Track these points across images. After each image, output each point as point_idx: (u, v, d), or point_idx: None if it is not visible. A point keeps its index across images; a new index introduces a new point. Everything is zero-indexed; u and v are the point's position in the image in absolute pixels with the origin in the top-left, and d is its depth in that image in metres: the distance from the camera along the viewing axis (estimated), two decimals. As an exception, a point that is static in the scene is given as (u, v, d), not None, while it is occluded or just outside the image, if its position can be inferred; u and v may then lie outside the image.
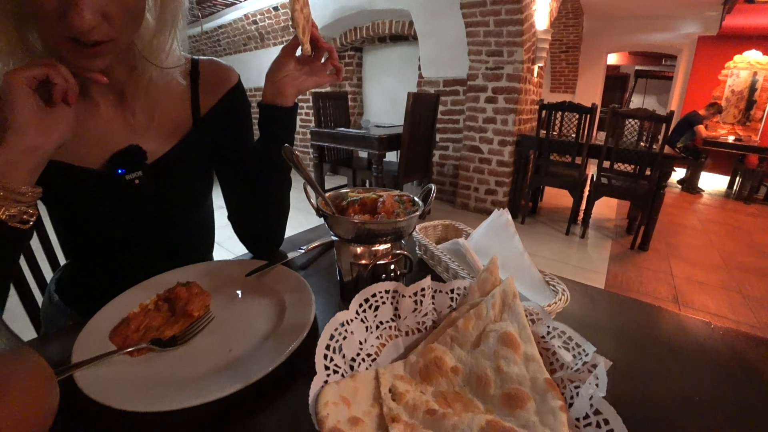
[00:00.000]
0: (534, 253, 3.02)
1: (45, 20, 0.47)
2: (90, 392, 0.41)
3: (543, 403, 0.34)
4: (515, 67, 3.42)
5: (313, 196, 0.57)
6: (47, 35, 0.51)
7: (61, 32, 0.48)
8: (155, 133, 0.69)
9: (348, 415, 0.32)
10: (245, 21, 5.44)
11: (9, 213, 0.48)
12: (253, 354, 0.48)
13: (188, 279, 0.60)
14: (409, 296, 0.47)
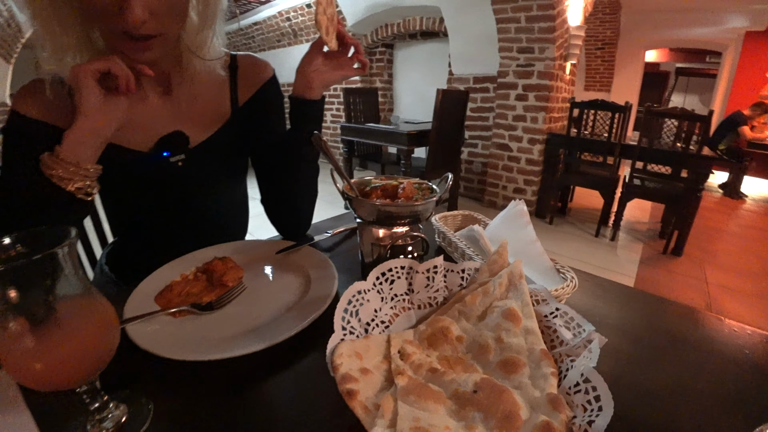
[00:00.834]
0: (560, 253, 2.98)
1: (104, 17, 0.54)
2: (139, 342, 0.48)
3: (536, 369, 0.37)
4: (546, 64, 3.37)
5: (339, 181, 0.62)
6: (106, 31, 0.58)
7: (117, 27, 0.55)
8: (197, 120, 0.76)
9: (359, 366, 0.37)
10: (279, 18, 5.57)
11: (76, 186, 0.56)
12: (278, 320, 0.54)
13: (224, 254, 0.67)
14: (422, 272, 0.51)
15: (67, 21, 0.57)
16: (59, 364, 0.34)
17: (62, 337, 0.34)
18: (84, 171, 0.56)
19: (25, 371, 0.33)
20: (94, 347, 0.36)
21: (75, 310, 0.35)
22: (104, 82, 0.57)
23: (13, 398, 0.44)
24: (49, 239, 0.34)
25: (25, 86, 0.65)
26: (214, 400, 0.43)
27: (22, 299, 0.32)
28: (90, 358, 0.36)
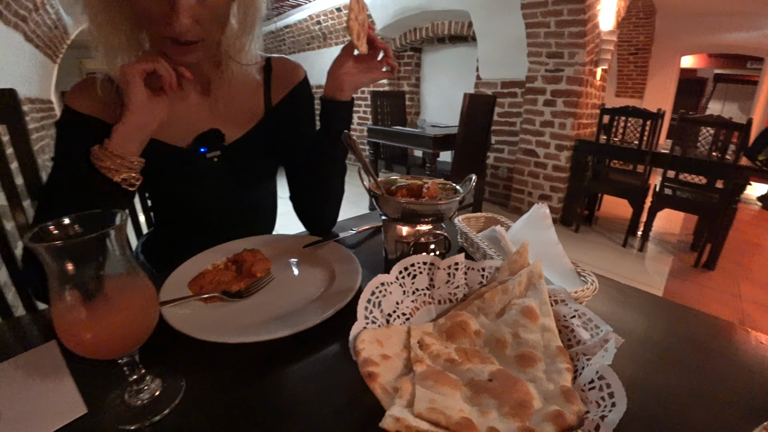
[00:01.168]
0: (586, 262, 2.92)
1: (154, 24, 0.59)
2: (173, 323, 0.51)
3: (552, 364, 0.38)
4: (576, 69, 3.32)
5: (366, 180, 0.64)
6: (153, 35, 0.63)
7: (164, 33, 0.60)
8: (233, 119, 0.80)
9: (380, 352, 0.39)
10: (309, 21, 5.67)
11: (122, 177, 0.60)
12: (303, 309, 0.56)
13: (253, 247, 0.70)
14: (443, 269, 0.53)
15: (120, 26, 0.62)
16: (106, 335, 0.38)
17: (109, 311, 0.37)
18: (129, 163, 0.61)
19: (76, 340, 0.37)
20: (137, 322, 0.40)
21: (121, 286, 0.38)
22: (149, 82, 0.61)
23: (59, 368, 0.49)
24: (101, 221, 0.38)
25: (77, 84, 0.70)
26: (241, 381, 0.46)
27: (77, 273, 0.36)
28: (132, 332, 0.39)
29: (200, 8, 0.59)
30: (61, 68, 5.48)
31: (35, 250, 0.33)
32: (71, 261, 0.35)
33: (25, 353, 0.52)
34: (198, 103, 0.78)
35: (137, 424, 0.40)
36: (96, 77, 0.68)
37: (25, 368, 0.49)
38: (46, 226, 0.37)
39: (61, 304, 0.36)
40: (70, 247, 0.34)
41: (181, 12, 0.56)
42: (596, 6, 3.21)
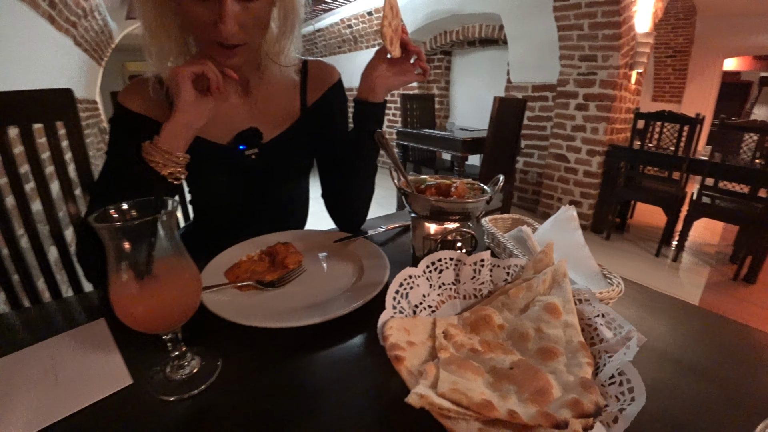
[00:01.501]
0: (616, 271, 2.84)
1: (201, 29, 0.64)
2: (211, 307, 0.55)
3: (573, 358, 0.39)
4: (610, 72, 3.24)
5: (397, 177, 0.66)
6: (201, 39, 0.68)
7: (210, 37, 0.64)
8: (271, 118, 0.84)
9: (406, 339, 0.41)
10: (341, 25, 5.77)
11: (168, 171, 0.65)
12: (332, 300, 0.59)
13: (286, 240, 0.74)
14: (469, 265, 0.54)
15: (171, 32, 0.68)
16: (154, 310, 0.42)
17: (158, 288, 0.41)
18: (175, 158, 0.65)
19: (129, 313, 0.41)
20: (181, 300, 0.43)
21: (169, 267, 0.42)
22: (197, 83, 0.66)
23: (108, 343, 0.53)
24: (154, 207, 0.42)
25: (130, 84, 0.76)
26: (273, 363, 0.49)
27: (132, 252, 0.40)
28: (177, 309, 0.43)
29: (244, 15, 0.63)
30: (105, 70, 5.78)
31: (99, 230, 0.37)
32: (128, 240, 0.39)
33: (76, 328, 0.57)
34: (238, 103, 0.83)
35: (176, 396, 0.44)
36: (147, 78, 0.74)
37: (78, 341, 0.54)
38: (107, 209, 0.41)
39: (116, 280, 0.40)
40: (128, 228, 0.39)
41: (227, 19, 0.60)
42: (632, 7, 3.13)
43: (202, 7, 0.61)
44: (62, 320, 0.61)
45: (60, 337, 0.55)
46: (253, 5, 0.63)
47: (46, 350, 0.53)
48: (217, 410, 0.43)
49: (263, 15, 0.67)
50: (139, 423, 0.41)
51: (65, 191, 0.91)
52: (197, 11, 0.61)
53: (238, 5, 0.61)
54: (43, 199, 0.89)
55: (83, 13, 3.56)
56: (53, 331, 0.56)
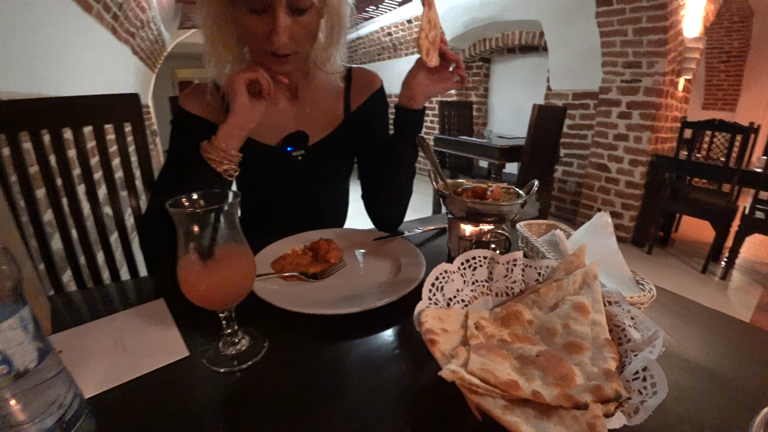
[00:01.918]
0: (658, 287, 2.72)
1: (255, 40, 0.70)
2: (260, 294, 0.61)
3: (598, 353, 0.41)
4: (655, 79, 3.13)
5: (436, 180, 0.70)
6: (255, 49, 0.74)
7: (264, 48, 0.71)
8: (316, 122, 0.90)
9: (440, 326, 0.44)
10: (380, 33, 5.87)
11: (223, 168, 0.71)
12: (371, 293, 0.64)
13: (328, 237, 0.79)
14: (502, 263, 0.57)
15: (228, 43, 0.74)
16: (214, 289, 0.47)
17: (219, 269, 0.47)
18: (230, 156, 0.72)
19: (193, 290, 0.47)
20: (238, 282, 0.49)
21: (230, 251, 0.48)
22: (250, 89, 0.72)
23: (167, 319, 0.60)
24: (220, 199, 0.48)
25: (189, 89, 0.84)
26: (314, 346, 0.54)
27: (199, 236, 0.45)
28: (234, 290, 0.49)
29: (295, 27, 0.69)
30: (157, 76, 6.16)
31: (173, 214, 0.44)
32: (196, 225, 0.45)
33: (139, 306, 0.64)
34: (287, 107, 0.89)
35: (226, 368, 0.49)
36: (205, 84, 0.81)
37: (141, 317, 0.61)
38: (179, 198, 0.47)
39: (184, 260, 0.46)
40: (196, 214, 0.45)
41: (280, 31, 0.66)
42: (680, 11, 3.01)
43: (258, 21, 0.67)
44: (126, 299, 0.69)
45: (126, 313, 0.63)
46: (303, 18, 0.69)
47: (115, 323, 0.60)
48: (261, 384, 0.48)
49: (312, 27, 0.73)
50: (193, 389, 0.48)
51: (128, 183, 1.01)
52: (253, 24, 0.68)
53: (289, 19, 0.67)
54: (109, 188, 0.99)
55: (141, 25, 3.82)
56: (119, 307, 0.64)
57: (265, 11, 0.66)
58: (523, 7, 3.91)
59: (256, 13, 0.67)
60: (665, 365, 0.45)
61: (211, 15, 0.71)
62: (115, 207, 1.01)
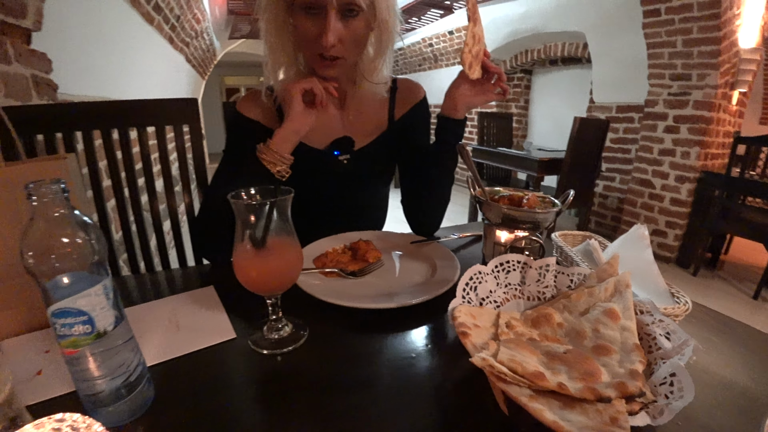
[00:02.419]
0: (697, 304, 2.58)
1: (308, 42, 0.76)
2: (302, 287, 0.66)
3: (626, 356, 0.42)
4: (706, 92, 3.00)
5: (474, 187, 0.73)
6: (307, 52, 0.80)
7: (315, 50, 0.76)
8: (362, 129, 0.95)
9: (473, 322, 0.46)
10: (422, 44, 5.93)
11: (277, 169, 0.77)
12: (406, 291, 0.67)
13: (367, 238, 0.83)
14: (535, 268, 0.58)
15: (285, 48, 0.81)
16: (264, 276, 0.53)
17: (269, 258, 0.52)
18: (284, 159, 0.78)
19: (246, 275, 0.53)
20: (286, 271, 0.54)
21: (281, 243, 0.53)
22: (304, 97, 0.78)
23: (216, 304, 0.67)
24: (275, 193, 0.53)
25: (246, 95, 0.91)
26: (350, 337, 0.58)
27: (255, 226, 0.51)
28: (282, 278, 0.54)
29: (344, 31, 0.74)
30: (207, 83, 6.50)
31: (234, 204, 0.49)
32: (253, 215, 0.50)
33: (191, 291, 0.71)
34: (335, 114, 0.95)
35: (269, 351, 0.54)
36: (260, 91, 0.89)
37: (193, 300, 0.68)
38: (239, 191, 0.52)
39: (242, 247, 0.51)
40: (252, 206, 0.50)
41: (330, 31, 0.72)
42: (734, 21, 2.88)
43: (311, 22, 0.74)
44: (178, 284, 0.77)
45: (179, 296, 0.70)
46: (352, 23, 0.75)
47: (169, 304, 0.67)
48: (299, 368, 0.52)
49: (360, 34, 0.78)
50: (238, 367, 0.53)
51: (183, 179, 1.10)
52: (307, 25, 0.74)
53: (339, 22, 0.73)
54: (166, 183, 1.08)
55: (195, 35, 4.06)
56: (172, 291, 0.71)
57: (319, 12, 0.72)
58: (566, 19, 3.87)
59: (311, 13, 0.73)
60: (697, 379, 0.45)
61: (272, 21, 0.78)
62: (170, 200, 1.10)
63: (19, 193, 0.58)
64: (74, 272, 0.39)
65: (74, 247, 0.38)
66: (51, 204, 0.38)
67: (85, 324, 0.40)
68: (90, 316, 0.40)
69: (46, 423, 0.28)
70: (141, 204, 1.09)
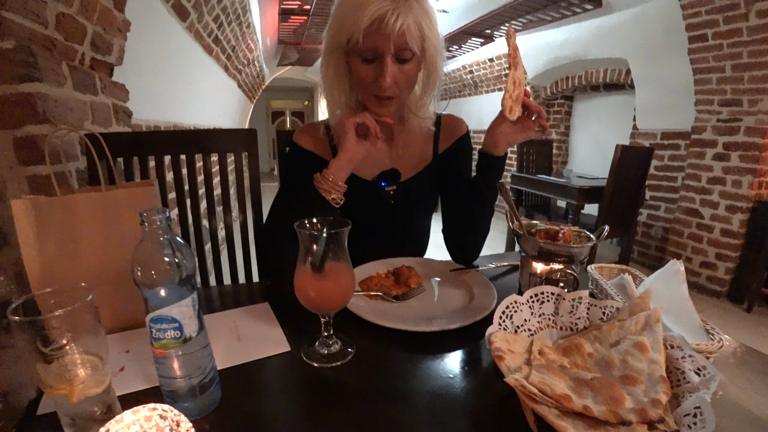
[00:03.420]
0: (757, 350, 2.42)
1: (365, 84, 0.84)
2: (350, 307, 0.72)
3: (652, 387, 0.46)
4: (758, 118, 2.88)
5: (512, 221, 0.78)
6: (364, 93, 0.88)
7: (371, 91, 0.84)
8: (408, 161, 1.03)
9: (507, 347, 0.51)
10: (462, 71, 6.05)
11: (331, 196, 0.85)
12: (445, 316, 0.73)
13: (410, 264, 0.89)
14: (568, 300, 0.62)
15: (343, 88, 0.90)
16: (322, 297, 0.60)
17: (327, 281, 0.59)
18: (338, 187, 0.85)
19: (306, 295, 0.60)
20: (340, 293, 0.61)
21: (337, 268, 0.60)
22: (358, 130, 0.85)
23: (272, 319, 0.75)
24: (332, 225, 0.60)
25: (303, 127, 1.01)
26: (392, 357, 0.64)
27: (314, 252, 0.58)
28: (337, 299, 0.61)
29: (399, 74, 0.82)
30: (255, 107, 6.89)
31: (300, 233, 0.57)
32: (315, 243, 0.58)
33: (249, 306, 0.80)
34: (383, 147, 1.03)
35: (320, 364, 0.61)
36: (316, 124, 0.99)
37: (252, 314, 0.77)
38: (303, 221, 0.60)
39: (304, 269, 0.59)
40: (313, 236, 0.58)
41: (387, 75, 0.80)
42: (787, 44, 2.76)
43: (368, 68, 0.82)
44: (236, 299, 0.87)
45: (238, 310, 0.79)
46: (406, 67, 0.82)
47: (231, 316, 0.76)
48: (346, 381, 0.58)
49: (413, 75, 0.86)
50: (292, 377, 0.60)
51: (240, 200, 1.21)
52: (365, 70, 0.82)
53: (395, 66, 0.81)
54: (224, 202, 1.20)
55: (247, 62, 4.35)
56: (229, 305, 0.81)
57: (375, 60, 0.81)
58: (608, 45, 3.85)
59: (368, 62, 0.82)
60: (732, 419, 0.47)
61: (332, 66, 0.87)
62: (227, 218, 1.21)
63: (116, 211, 0.68)
64: (169, 285, 0.47)
65: (172, 266, 0.47)
66: (157, 229, 0.46)
67: (175, 330, 0.48)
68: (180, 323, 0.48)
69: (140, 410, 0.36)
70: (201, 221, 1.21)
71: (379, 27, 0.75)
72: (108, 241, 0.68)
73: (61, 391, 0.43)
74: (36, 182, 1.02)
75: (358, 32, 0.76)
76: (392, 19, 0.74)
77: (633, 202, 3.09)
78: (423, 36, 0.80)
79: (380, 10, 0.74)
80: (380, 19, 0.75)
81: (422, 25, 0.79)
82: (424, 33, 0.80)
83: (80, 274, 0.67)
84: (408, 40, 0.77)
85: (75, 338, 0.43)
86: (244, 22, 3.30)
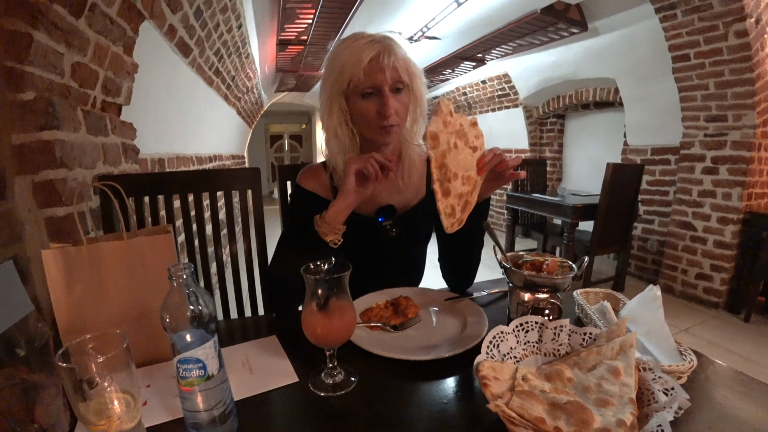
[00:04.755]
0: (755, 360, 2.46)
1: (367, 119, 0.92)
2: (353, 339, 0.78)
3: (621, 409, 0.52)
4: (744, 132, 2.96)
5: (499, 254, 0.83)
6: (368, 128, 0.95)
7: (376, 125, 0.92)
8: (403, 196, 1.09)
9: (494, 375, 0.57)
10: (456, 93, 6.20)
11: (330, 238, 0.91)
12: (441, 344, 0.79)
13: (407, 295, 0.96)
14: (550, 329, 0.68)
15: (345, 130, 0.97)
16: (327, 333, 0.66)
17: (332, 318, 0.66)
18: (336, 229, 0.91)
19: (313, 332, 0.66)
20: (343, 329, 0.67)
21: (340, 306, 0.66)
22: (359, 174, 0.90)
23: (280, 352, 0.81)
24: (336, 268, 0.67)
25: (306, 169, 1.08)
26: (393, 384, 0.70)
27: (320, 293, 0.65)
28: (340, 334, 0.67)
29: (397, 103, 0.91)
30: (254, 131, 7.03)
31: (305, 277, 0.64)
32: (320, 286, 0.64)
33: (258, 339, 0.86)
34: (382, 185, 1.07)
35: (326, 393, 0.67)
36: (318, 166, 1.06)
37: (261, 348, 0.83)
38: (309, 265, 0.67)
39: (309, 308, 0.65)
40: (319, 280, 0.64)
41: (389, 106, 0.89)
42: (767, 61, 2.87)
43: (370, 102, 0.91)
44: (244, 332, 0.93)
45: (249, 343, 0.85)
46: (400, 96, 0.92)
47: (242, 350, 0.82)
48: (351, 409, 0.64)
49: (406, 103, 0.95)
50: (300, 406, 0.66)
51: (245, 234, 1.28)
52: (366, 105, 0.91)
53: (393, 97, 0.90)
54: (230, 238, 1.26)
55: (246, 90, 4.48)
56: (238, 338, 0.87)
57: (374, 94, 0.90)
58: (596, 66, 3.98)
59: (368, 97, 0.91)
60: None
61: (335, 111, 0.94)
62: (233, 254, 1.27)
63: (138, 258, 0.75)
64: (193, 330, 0.53)
65: (196, 313, 0.53)
66: (183, 282, 0.53)
67: (200, 369, 0.54)
68: (204, 363, 0.54)
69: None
70: (208, 257, 1.27)
71: (376, 64, 0.87)
72: (130, 284, 0.75)
73: (101, 427, 0.49)
74: (53, 223, 1.09)
75: (359, 72, 0.87)
76: (385, 57, 0.87)
77: (627, 217, 3.16)
78: (409, 69, 0.93)
79: (375, 50, 0.87)
80: (376, 57, 0.87)
81: (407, 60, 0.92)
82: (409, 66, 0.93)
83: (104, 316, 0.74)
84: (400, 72, 0.90)
85: (112, 379, 0.49)
86: (244, 53, 3.42)
